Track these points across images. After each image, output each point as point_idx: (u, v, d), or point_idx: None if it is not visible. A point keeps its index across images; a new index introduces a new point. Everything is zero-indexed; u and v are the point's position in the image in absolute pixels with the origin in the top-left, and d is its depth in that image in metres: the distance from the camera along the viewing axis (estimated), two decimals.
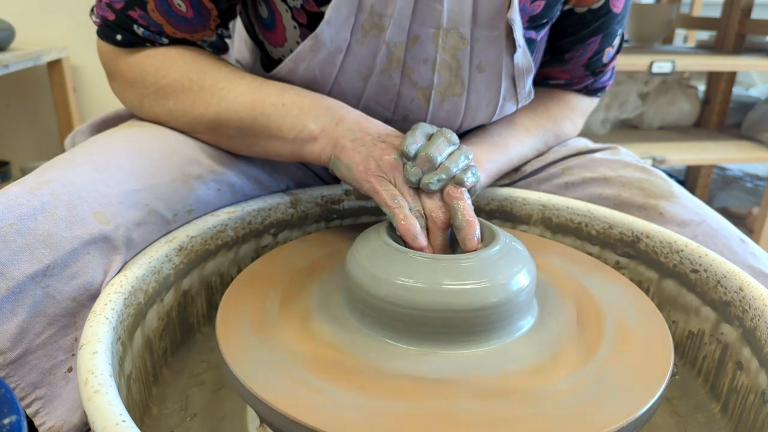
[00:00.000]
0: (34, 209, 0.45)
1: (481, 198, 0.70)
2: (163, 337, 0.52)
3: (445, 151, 0.51)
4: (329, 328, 0.44)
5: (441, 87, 0.62)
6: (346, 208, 0.69)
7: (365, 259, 0.44)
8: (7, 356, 0.43)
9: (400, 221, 0.48)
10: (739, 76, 3.09)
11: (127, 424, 0.32)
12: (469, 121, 0.67)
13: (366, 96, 0.63)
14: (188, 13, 0.59)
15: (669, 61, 1.56)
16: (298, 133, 0.57)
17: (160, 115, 0.61)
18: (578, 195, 0.70)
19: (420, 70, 0.61)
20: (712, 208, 0.67)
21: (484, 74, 0.63)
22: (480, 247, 0.47)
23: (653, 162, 1.63)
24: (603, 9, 0.66)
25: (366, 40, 0.58)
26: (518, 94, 0.67)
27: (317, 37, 0.57)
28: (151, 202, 0.52)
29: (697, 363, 0.54)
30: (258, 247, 0.63)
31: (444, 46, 0.60)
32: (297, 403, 0.36)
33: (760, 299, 0.47)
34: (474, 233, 0.48)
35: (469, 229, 0.48)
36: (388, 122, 0.65)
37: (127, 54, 0.61)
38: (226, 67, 0.60)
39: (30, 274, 0.44)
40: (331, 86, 0.62)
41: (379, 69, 0.60)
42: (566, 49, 0.71)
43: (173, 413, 0.48)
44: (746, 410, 0.46)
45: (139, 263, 0.49)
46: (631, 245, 0.61)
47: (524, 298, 0.44)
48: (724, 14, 1.97)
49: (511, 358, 0.41)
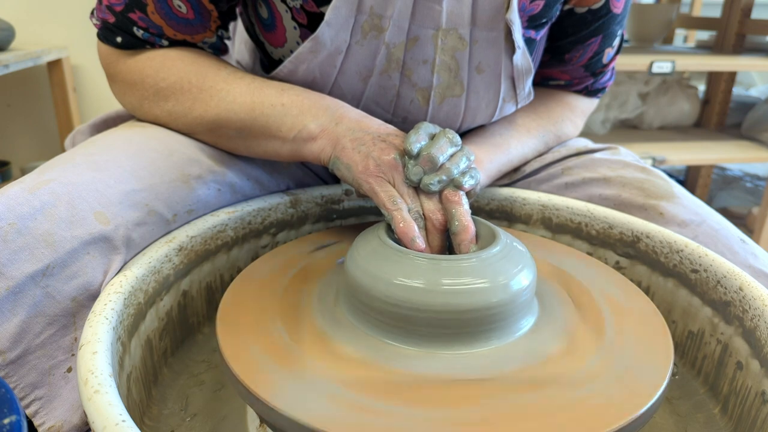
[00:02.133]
0: (34, 209, 0.45)
1: (481, 198, 0.70)
2: (163, 337, 0.52)
3: (447, 152, 0.51)
4: (329, 328, 0.44)
5: (440, 88, 0.62)
6: (346, 208, 0.69)
7: (365, 260, 0.44)
8: (7, 356, 0.43)
9: (398, 224, 0.48)
10: (739, 76, 3.09)
11: (127, 424, 0.32)
12: (468, 122, 0.67)
13: (365, 97, 0.63)
14: (188, 14, 0.59)
15: (669, 61, 1.56)
16: (297, 133, 0.57)
17: (159, 116, 0.61)
18: (578, 195, 0.70)
19: (419, 71, 0.61)
20: (712, 208, 0.67)
21: (484, 75, 0.63)
22: (474, 249, 0.48)
23: (653, 162, 1.63)
24: (603, 9, 0.66)
25: (366, 42, 0.58)
26: (518, 95, 0.67)
27: (317, 39, 0.57)
28: (151, 202, 0.52)
29: (697, 363, 0.54)
30: (258, 247, 0.63)
31: (443, 47, 0.60)
32: (297, 403, 0.36)
33: (760, 299, 0.47)
34: (469, 239, 0.48)
35: (465, 234, 0.48)
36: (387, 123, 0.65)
37: (127, 56, 0.61)
38: (226, 68, 0.60)
39: (30, 273, 0.44)
40: (330, 87, 0.62)
41: (379, 70, 0.61)
42: (566, 49, 0.71)
43: (173, 413, 0.48)
44: (746, 410, 0.46)
45: (139, 263, 0.49)
46: (631, 245, 0.61)
47: (525, 298, 0.44)
48: (724, 14, 1.97)
49: (511, 358, 0.41)
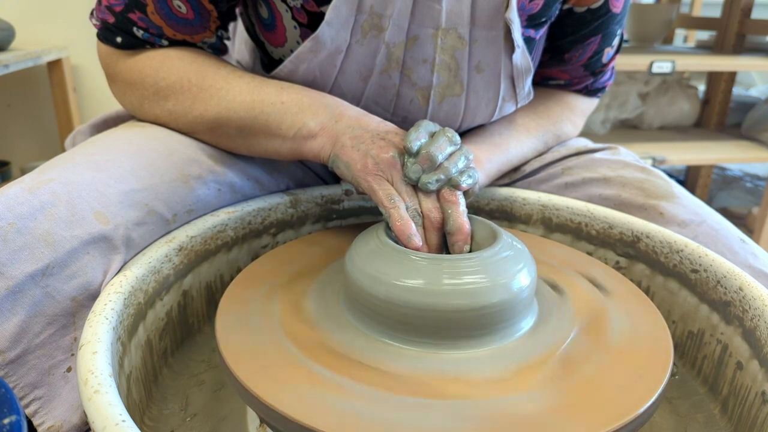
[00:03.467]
0: (33, 208, 0.45)
1: (481, 198, 0.70)
2: (163, 337, 0.52)
3: (446, 151, 0.51)
4: (329, 328, 0.44)
5: (440, 87, 0.62)
6: (346, 208, 0.69)
7: (364, 260, 0.44)
8: (6, 356, 0.43)
9: (395, 221, 0.48)
10: (739, 76, 3.09)
11: (127, 424, 0.32)
12: (468, 122, 0.67)
13: (365, 97, 0.63)
14: (188, 14, 0.59)
15: (669, 61, 1.56)
16: (297, 131, 0.57)
17: (160, 116, 0.61)
18: (578, 195, 0.70)
19: (419, 70, 0.61)
20: (712, 208, 0.67)
21: (483, 74, 0.63)
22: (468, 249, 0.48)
23: (653, 162, 1.63)
24: (602, 9, 0.66)
25: (366, 41, 0.58)
26: (517, 95, 0.67)
27: (317, 38, 0.57)
28: (151, 202, 0.52)
29: (697, 363, 0.54)
30: (258, 247, 0.63)
31: (443, 46, 0.60)
32: (296, 403, 0.36)
33: (760, 299, 0.47)
34: (463, 239, 0.49)
35: (459, 235, 0.49)
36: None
37: (127, 56, 0.61)
38: (225, 67, 0.60)
39: (29, 273, 0.44)
40: (331, 87, 0.62)
41: (379, 69, 0.61)
42: (566, 49, 0.71)
43: (173, 413, 0.48)
44: (746, 410, 0.46)
45: (139, 263, 0.49)
46: (631, 245, 0.61)
47: (525, 297, 0.44)
48: (724, 14, 1.97)
49: (511, 358, 0.41)
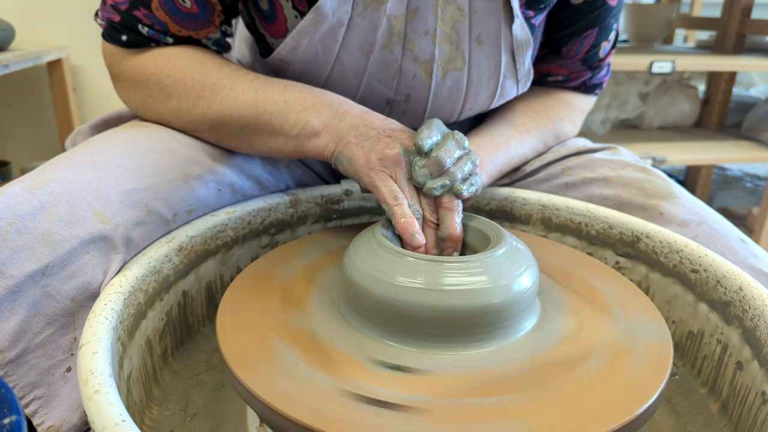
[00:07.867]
0: (33, 208, 0.45)
1: (481, 198, 0.70)
2: (163, 337, 0.52)
3: (455, 155, 0.51)
4: (329, 329, 0.44)
5: (442, 60, 0.63)
6: (346, 208, 0.69)
7: (363, 261, 0.44)
8: (6, 355, 0.43)
9: (399, 219, 0.48)
10: (739, 76, 3.09)
11: (127, 424, 0.32)
12: (471, 101, 0.68)
13: (368, 74, 0.63)
14: (193, 9, 0.59)
15: (669, 61, 1.56)
16: (301, 130, 0.57)
17: (163, 114, 0.61)
18: (578, 195, 0.70)
19: (421, 43, 0.62)
20: (712, 208, 0.67)
21: (484, 47, 0.64)
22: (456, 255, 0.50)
23: (653, 162, 1.63)
24: (599, 1, 0.67)
25: (367, 14, 0.59)
26: (518, 71, 0.67)
27: (319, 10, 0.57)
28: (151, 202, 0.52)
29: (697, 363, 0.54)
30: (258, 247, 0.63)
31: (443, 17, 0.61)
32: (297, 403, 0.36)
33: (760, 299, 0.47)
34: (453, 246, 0.51)
35: (449, 242, 0.51)
36: (390, 102, 0.66)
37: (132, 55, 0.61)
38: (229, 66, 0.60)
39: (29, 273, 0.44)
40: (332, 64, 0.62)
41: (381, 44, 0.61)
42: (563, 42, 0.72)
43: (173, 413, 0.48)
44: (746, 410, 0.46)
45: (139, 263, 0.49)
46: (631, 245, 0.61)
47: (527, 298, 0.44)
48: (724, 14, 1.97)
49: (512, 358, 0.41)
